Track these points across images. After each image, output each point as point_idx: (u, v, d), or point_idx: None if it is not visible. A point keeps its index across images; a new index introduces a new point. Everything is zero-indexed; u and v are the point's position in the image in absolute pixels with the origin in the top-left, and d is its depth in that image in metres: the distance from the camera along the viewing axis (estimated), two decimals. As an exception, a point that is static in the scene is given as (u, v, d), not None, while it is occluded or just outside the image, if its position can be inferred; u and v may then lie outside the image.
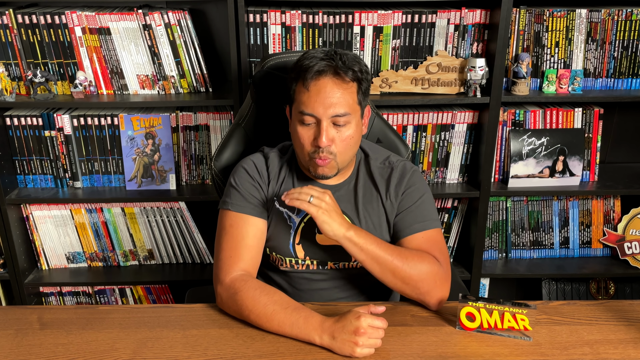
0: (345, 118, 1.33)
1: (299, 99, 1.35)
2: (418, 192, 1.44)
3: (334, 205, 1.30)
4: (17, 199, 2.25)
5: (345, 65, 1.32)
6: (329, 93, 1.31)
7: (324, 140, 1.31)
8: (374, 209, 1.45)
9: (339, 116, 1.32)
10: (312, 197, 1.26)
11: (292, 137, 1.41)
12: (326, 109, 1.31)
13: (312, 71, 1.31)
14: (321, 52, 1.35)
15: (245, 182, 1.43)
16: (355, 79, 1.34)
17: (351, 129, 1.35)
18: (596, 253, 2.52)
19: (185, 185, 2.36)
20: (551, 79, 2.23)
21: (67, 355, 1.21)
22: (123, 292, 2.49)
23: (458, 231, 2.45)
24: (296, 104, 1.36)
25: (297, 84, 1.36)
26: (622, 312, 1.35)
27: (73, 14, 2.12)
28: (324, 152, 1.33)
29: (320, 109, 1.31)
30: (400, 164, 1.47)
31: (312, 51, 1.37)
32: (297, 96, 1.36)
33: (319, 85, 1.31)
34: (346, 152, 1.37)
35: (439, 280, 1.34)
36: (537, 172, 2.32)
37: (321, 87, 1.31)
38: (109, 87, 2.23)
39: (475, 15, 2.15)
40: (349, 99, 1.33)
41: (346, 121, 1.34)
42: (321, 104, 1.31)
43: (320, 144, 1.32)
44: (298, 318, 1.24)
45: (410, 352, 1.22)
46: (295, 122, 1.37)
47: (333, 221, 1.28)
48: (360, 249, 1.30)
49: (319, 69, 1.31)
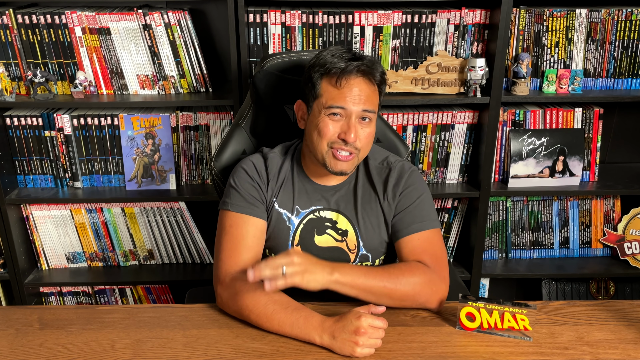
0: (372, 115, 1.37)
1: (329, 94, 1.36)
2: (416, 192, 1.44)
3: (306, 259, 1.25)
4: (17, 199, 2.25)
5: (372, 67, 1.37)
6: (361, 91, 1.35)
7: (352, 135, 1.34)
8: (372, 210, 1.45)
9: (368, 112, 1.36)
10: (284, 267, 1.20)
11: (310, 131, 1.40)
12: (357, 104, 1.35)
13: (344, 70, 1.34)
14: (345, 52, 1.38)
15: (244, 182, 1.43)
16: (380, 82, 1.40)
17: (372, 128, 1.40)
18: (596, 253, 2.52)
19: (185, 185, 2.36)
20: (551, 79, 2.23)
21: (67, 355, 1.21)
22: (123, 292, 2.49)
23: (458, 231, 2.45)
24: (323, 99, 1.37)
25: (323, 80, 1.37)
26: (622, 312, 1.35)
27: (73, 14, 2.12)
28: (348, 146, 1.35)
29: (352, 103, 1.35)
30: (398, 165, 1.47)
31: (333, 49, 1.39)
32: (325, 91, 1.37)
33: (351, 83, 1.35)
34: (366, 150, 1.42)
35: (435, 286, 1.34)
36: (537, 172, 2.32)
37: (353, 85, 1.35)
38: (109, 87, 2.23)
39: (475, 15, 2.15)
40: (374, 99, 1.39)
41: (371, 118, 1.38)
42: (352, 100, 1.35)
43: (348, 138, 1.34)
44: (298, 318, 1.24)
45: (410, 352, 1.22)
46: (319, 115, 1.37)
47: (314, 274, 1.24)
48: (350, 287, 1.27)
49: (352, 68, 1.34)
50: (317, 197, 1.45)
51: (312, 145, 1.40)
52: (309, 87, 1.40)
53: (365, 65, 1.35)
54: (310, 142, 1.40)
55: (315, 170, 1.46)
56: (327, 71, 1.36)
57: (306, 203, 1.45)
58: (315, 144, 1.39)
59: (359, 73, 1.35)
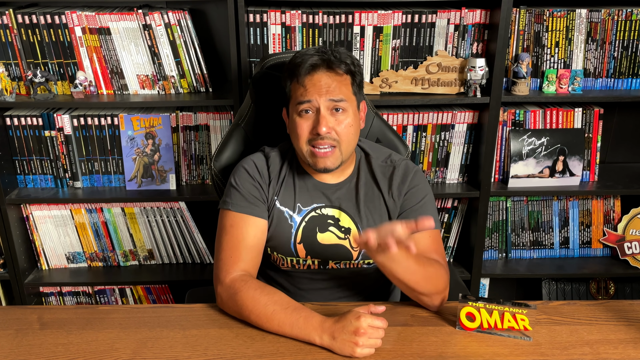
0: (343, 104, 1.36)
1: (296, 94, 1.37)
2: (422, 193, 1.45)
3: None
4: (17, 199, 2.25)
5: (337, 59, 1.36)
6: (324, 83, 1.35)
7: (324, 128, 1.33)
8: (375, 207, 1.45)
9: (336, 101, 1.35)
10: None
11: (291, 134, 1.42)
12: (322, 94, 1.34)
13: (305, 66, 1.35)
14: (312, 49, 1.39)
15: (245, 181, 1.43)
16: (348, 71, 1.38)
17: (349, 117, 1.37)
18: (596, 253, 2.52)
19: (185, 185, 2.36)
20: (551, 79, 2.23)
21: (67, 355, 1.21)
22: (123, 292, 2.49)
23: (458, 231, 2.45)
24: (293, 100, 1.39)
25: (291, 82, 1.39)
26: (622, 312, 1.36)
27: (73, 14, 2.12)
28: (324, 139, 1.34)
29: (317, 95, 1.34)
30: (402, 163, 1.48)
31: (303, 50, 1.41)
32: (294, 93, 1.39)
33: (314, 79, 1.35)
34: (348, 141, 1.38)
35: (447, 285, 1.35)
36: (537, 172, 2.32)
37: (316, 80, 1.35)
38: (109, 87, 2.23)
39: (475, 15, 2.15)
40: (344, 89, 1.37)
41: (344, 108, 1.36)
42: (317, 92, 1.34)
43: (319, 131, 1.33)
44: (298, 318, 1.24)
45: (410, 352, 1.22)
46: (293, 116, 1.39)
47: None
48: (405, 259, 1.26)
49: (312, 63, 1.35)
50: (319, 195, 1.46)
51: (296, 149, 1.41)
52: (285, 92, 1.42)
53: (326, 57, 1.35)
54: (294, 144, 1.42)
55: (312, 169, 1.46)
56: (291, 73, 1.38)
57: (308, 201, 1.45)
58: (295, 145, 1.41)
59: (321, 67, 1.35)
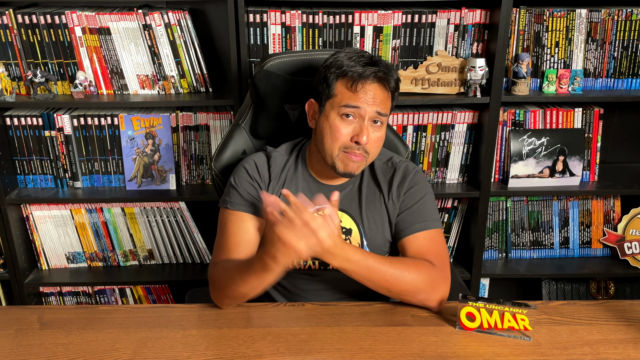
0: (384, 118, 1.38)
1: (343, 95, 1.37)
2: (420, 192, 1.45)
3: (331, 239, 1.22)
4: (17, 199, 2.25)
5: (389, 73, 1.38)
6: (376, 95, 1.36)
7: (365, 138, 1.35)
8: (376, 209, 1.46)
9: (381, 114, 1.37)
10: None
11: (321, 131, 1.40)
12: (371, 105, 1.35)
13: (361, 75, 1.35)
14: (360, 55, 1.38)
15: (243, 181, 1.44)
16: (393, 89, 1.41)
17: (383, 132, 1.41)
18: (596, 253, 2.52)
19: (185, 185, 2.36)
20: (551, 79, 2.23)
21: (67, 355, 1.21)
22: (123, 292, 2.49)
23: (458, 231, 2.45)
24: (338, 99, 1.37)
25: (339, 81, 1.38)
26: (622, 312, 1.35)
27: (73, 14, 2.12)
28: (360, 149, 1.36)
29: (366, 104, 1.35)
30: (403, 165, 1.48)
31: (350, 52, 1.40)
32: (340, 92, 1.37)
33: (366, 88, 1.36)
34: (375, 154, 1.43)
35: (437, 285, 1.34)
36: (537, 172, 2.32)
37: (368, 89, 1.36)
38: (109, 87, 2.23)
39: (475, 15, 2.15)
40: (388, 104, 1.40)
41: (383, 122, 1.39)
42: (367, 101, 1.35)
43: (361, 140, 1.35)
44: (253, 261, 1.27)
45: (410, 352, 1.22)
46: (332, 115, 1.38)
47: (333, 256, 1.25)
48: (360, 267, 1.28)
49: (369, 74, 1.35)
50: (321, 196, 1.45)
51: (322, 146, 1.40)
52: (323, 87, 1.40)
53: (382, 71, 1.36)
54: (321, 142, 1.40)
55: (320, 170, 1.46)
56: (343, 73, 1.37)
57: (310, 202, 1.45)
58: (326, 145, 1.39)
59: (375, 79, 1.36)
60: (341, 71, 1.37)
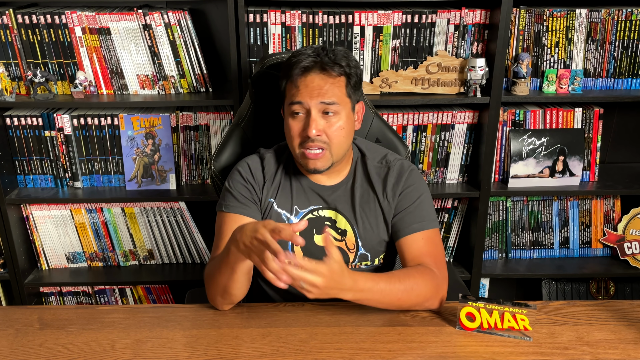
0: (334, 107, 1.35)
1: (289, 95, 1.38)
2: (417, 192, 1.44)
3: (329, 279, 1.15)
4: (17, 199, 2.25)
5: (332, 60, 1.35)
6: (318, 85, 1.34)
7: (314, 131, 1.33)
8: (371, 210, 1.45)
9: (327, 104, 1.34)
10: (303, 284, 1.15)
11: (286, 135, 1.42)
12: (313, 97, 1.34)
13: (299, 67, 1.35)
14: (310, 49, 1.38)
15: (237, 183, 1.45)
16: (342, 73, 1.37)
17: (341, 120, 1.37)
18: (596, 253, 2.52)
19: (185, 185, 2.36)
20: (551, 79, 2.23)
21: (67, 355, 1.21)
22: (123, 292, 2.49)
23: (458, 231, 2.45)
24: (286, 99, 1.39)
25: (287, 82, 1.39)
26: (622, 312, 1.35)
27: (73, 14, 2.12)
28: (314, 141, 1.34)
29: (308, 97, 1.34)
30: (397, 163, 1.47)
31: (302, 49, 1.40)
32: (287, 93, 1.39)
33: (306, 80, 1.35)
34: (339, 144, 1.38)
35: (440, 289, 1.35)
36: (537, 172, 2.32)
37: (309, 82, 1.34)
38: (109, 87, 2.23)
39: (475, 15, 2.15)
40: (337, 91, 1.36)
41: (335, 111, 1.35)
42: (309, 94, 1.34)
43: (309, 133, 1.33)
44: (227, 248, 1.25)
45: (410, 352, 1.22)
46: (286, 116, 1.40)
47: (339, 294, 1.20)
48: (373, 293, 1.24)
49: (306, 64, 1.34)
50: (315, 197, 1.46)
51: (290, 149, 1.42)
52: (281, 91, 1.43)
53: (320, 59, 1.34)
54: (288, 145, 1.42)
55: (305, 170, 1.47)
56: (286, 73, 1.38)
57: (304, 203, 1.45)
58: (289, 147, 1.41)
59: (314, 68, 1.34)
60: (284, 73, 1.39)
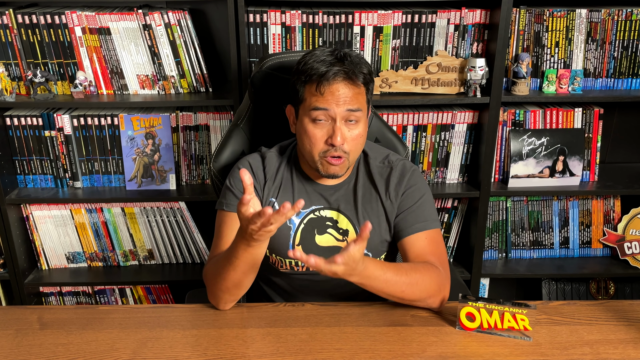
0: (357, 114, 1.35)
1: (311, 100, 1.35)
2: (419, 192, 1.44)
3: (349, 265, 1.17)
4: (17, 199, 2.25)
5: (356, 68, 1.34)
6: (343, 94, 1.34)
7: (339, 138, 1.33)
8: (373, 209, 1.45)
9: (353, 111, 1.34)
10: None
11: (300, 137, 1.40)
12: (340, 105, 1.33)
13: (324, 76, 1.32)
14: (328, 54, 1.35)
15: (238, 182, 1.43)
16: (364, 81, 1.37)
17: (360, 128, 1.37)
18: (596, 253, 2.52)
19: (185, 185, 2.36)
20: (551, 79, 2.23)
21: (67, 355, 1.21)
22: (123, 292, 2.49)
23: (458, 231, 2.45)
24: (307, 103, 1.36)
25: (306, 86, 1.36)
26: (622, 312, 1.35)
27: (73, 14, 2.12)
28: (337, 150, 1.34)
29: (334, 105, 1.33)
30: (399, 163, 1.47)
31: (318, 52, 1.37)
32: (307, 97, 1.36)
33: (332, 88, 1.33)
34: (357, 151, 1.40)
35: (443, 287, 1.35)
36: (537, 172, 2.32)
37: (334, 89, 1.33)
38: (109, 87, 2.23)
39: (475, 15, 2.15)
40: (360, 99, 1.36)
41: (357, 118, 1.36)
42: (335, 101, 1.33)
43: (335, 142, 1.33)
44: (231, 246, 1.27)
45: (410, 352, 1.22)
46: (305, 121, 1.37)
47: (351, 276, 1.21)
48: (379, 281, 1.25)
49: (331, 74, 1.32)
50: (317, 197, 1.45)
51: (304, 151, 1.40)
52: (294, 93, 1.41)
53: (346, 68, 1.33)
54: (302, 148, 1.40)
55: (311, 171, 1.46)
56: (308, 78, 1.35)
57: (306, 202, 1.45)
58: (306, 151, 1.39)
59: (340, 77, 1.33)
60: (306, 76, 1.36)
